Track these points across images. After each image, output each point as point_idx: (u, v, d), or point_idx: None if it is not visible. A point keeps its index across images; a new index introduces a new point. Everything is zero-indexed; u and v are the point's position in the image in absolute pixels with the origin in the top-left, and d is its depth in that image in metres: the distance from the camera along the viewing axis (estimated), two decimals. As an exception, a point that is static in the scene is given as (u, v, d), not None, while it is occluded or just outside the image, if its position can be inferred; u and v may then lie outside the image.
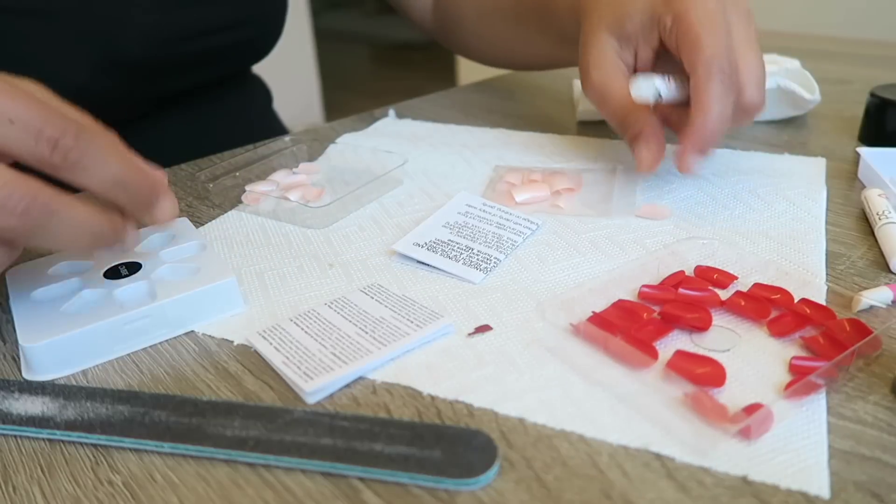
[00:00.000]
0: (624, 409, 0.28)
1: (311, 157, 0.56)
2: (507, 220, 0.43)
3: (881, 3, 1.50)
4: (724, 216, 0.44)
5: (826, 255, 0.39)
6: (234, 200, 0.48)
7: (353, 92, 3.25)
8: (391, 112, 0.67)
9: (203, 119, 0.66)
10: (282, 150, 0.55)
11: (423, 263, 0.39)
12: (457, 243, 0.40)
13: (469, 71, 2.42)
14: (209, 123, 0.66)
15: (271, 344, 0.32)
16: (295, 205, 0.46)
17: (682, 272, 0.37)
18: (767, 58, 0.64)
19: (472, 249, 0.40)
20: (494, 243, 0.40)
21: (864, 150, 0.50)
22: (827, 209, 0.45)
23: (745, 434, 0.26)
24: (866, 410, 0.28)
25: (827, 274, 0.37)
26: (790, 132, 0.60)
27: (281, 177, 0.51)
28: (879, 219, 0.41)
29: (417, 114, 0.67)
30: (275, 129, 0.77)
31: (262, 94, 0.77)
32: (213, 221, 0.46)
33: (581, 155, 0.55)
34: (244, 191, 0.48)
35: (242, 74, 0.73)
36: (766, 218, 0.43)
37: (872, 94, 0.56)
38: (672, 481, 0.25)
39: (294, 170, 0.52)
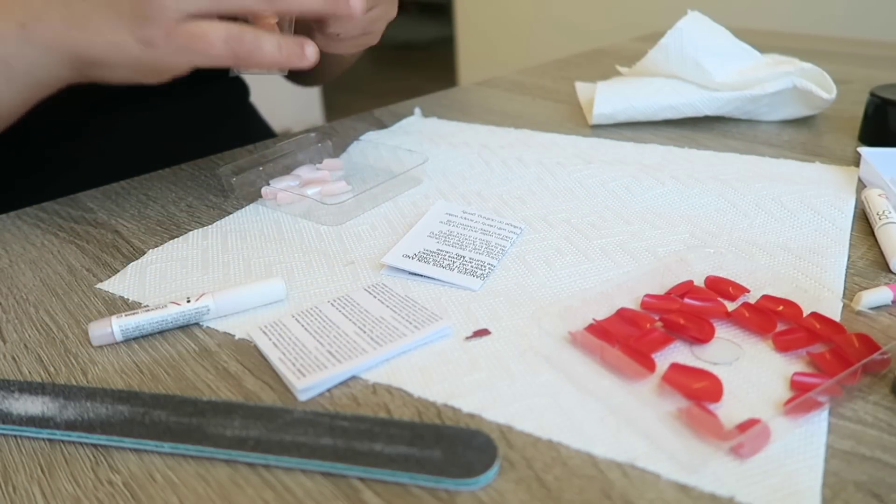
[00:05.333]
0: (614, 421, 0.28)
1: (335, 154, 0.56)
2: (491, 225, 0.43)
3: (881, 3, 1.50)
4: (743, 225, 0.43)
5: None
6: (255, 194, 0.49)
7: (353, 92, 3.24)
8: (417, 110, 0.66)
9: (176, 110, 0.65)
10: (307, 145, 0.55)
11: (416, 274, 0.38)
12: (447, 252, 0.40)
13: (469, 71, 2.42)
14: (182, 115, 0.65)
15: (270, 339, 0.32)
16: (312, 201, 0.46)
17: (690, 282, 0.36)
18: (780, 58, 0.64)
19: (464, 257, 0.39)
20: (484, 250, 0.40)
21: (865, 150, 0.50)
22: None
23: (739, 451, 0.26)
24: (866, 410, 0.28)
25: (844, 289, 0.36)
26: (790, 132, 0.60)
27: (304, 172, 0.51)
28: (880, 219, 0.41)
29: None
30: (252, 122, 0.76)
31: (237, 86, 0.76)
32: (231, 215, 0.46)
33: (600, 157, 0.55)
34: (267, 184, 0.48)
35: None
36: (788, 228, 0.42)
37: (872, 94, 0.56)
38: (672, 482, 0.25)
39: (318, 165, 0.53)
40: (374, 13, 0.46)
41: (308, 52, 0.40)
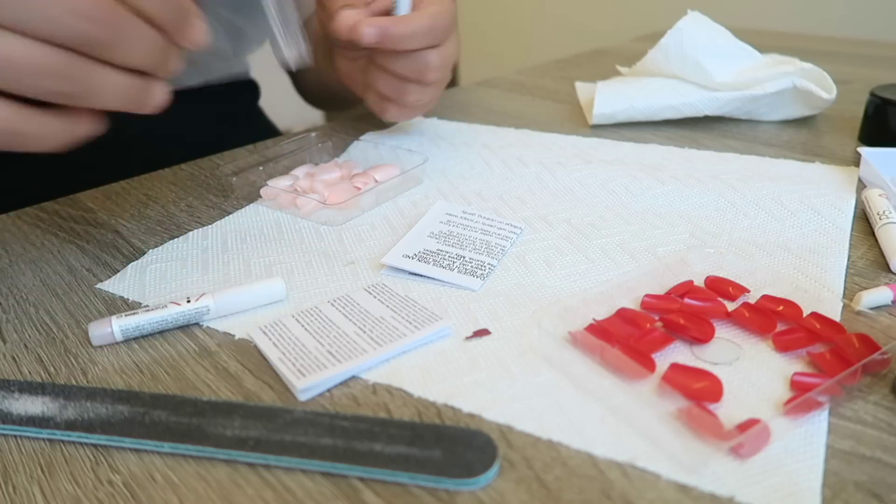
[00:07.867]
0: (614, 421, 0.28)
1: (335, 154, 0.56)
2: (491, 225, 0.43)
3: (881, 3, 1.50)
4: (743, 225, 0.43)
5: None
6: (254, 194, 0.49)
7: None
8: None
9: (188, 112, 0.65)
10: (307, 146, 0.55)
11: (416, 275, 0.38)
12: (447, 252, 0.40)
13: (469, 71, 2.42)
14: (193, 116, 0.66)
15: (270, 339, 0.32)
16: (311, 201, 0.46)
17: (690, 282, 0.36)
18: (780, 58, 0.64)
19: (464, 257, 0.39)
20: (484, 250, 0.40)
21: (866, 150, 0.50)
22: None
23: (739, 451, 0.26)
24: (866, 410, 0.28)
25: (844, 289, 0.36)
26: (790, 132, 0.60)
27: (302, 172, 0.51)
28: (880, 219, 0.41)
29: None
30: (260, 126, 0.76)
31: (249, 90, 0.76)
32: (231, 215, 0.46)
33: (600, 157, 0.55)
34: (265, 185, 0.48)
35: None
36: (788, 228, 0.42)
37: (872, 94, 0.56)
38: (672, 482, 0.25)
39: (316, 166, 0.53)
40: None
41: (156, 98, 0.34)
